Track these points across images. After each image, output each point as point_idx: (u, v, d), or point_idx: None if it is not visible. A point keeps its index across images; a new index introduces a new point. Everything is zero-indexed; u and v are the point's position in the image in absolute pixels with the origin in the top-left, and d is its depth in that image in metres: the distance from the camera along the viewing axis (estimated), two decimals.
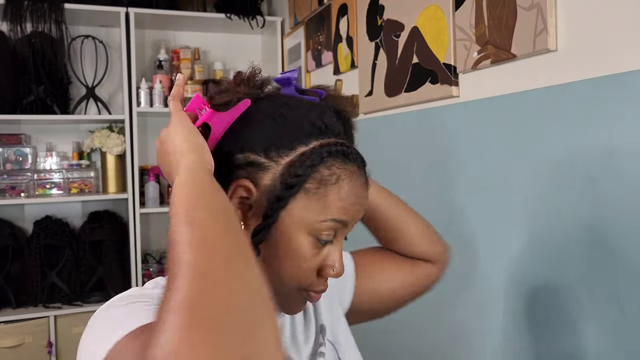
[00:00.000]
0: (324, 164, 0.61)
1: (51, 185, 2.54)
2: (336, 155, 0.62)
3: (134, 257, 2.52)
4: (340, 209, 0.61)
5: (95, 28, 2.70)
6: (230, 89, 0.64)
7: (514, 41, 1.16)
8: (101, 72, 2.64)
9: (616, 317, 0.95)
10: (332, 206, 0.61)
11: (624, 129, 0.93)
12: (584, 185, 1.01)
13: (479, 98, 1.30)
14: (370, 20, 1.79)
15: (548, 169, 1.09)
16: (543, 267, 1.11)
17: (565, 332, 1.06)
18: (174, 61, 2.74)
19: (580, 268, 1.02)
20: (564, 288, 1.06)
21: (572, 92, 1.03)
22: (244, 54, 2.95)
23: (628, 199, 0.93)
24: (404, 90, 1.59)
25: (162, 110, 2.59)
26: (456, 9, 1.35)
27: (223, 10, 2.68)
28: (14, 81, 2.40)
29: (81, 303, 2.44)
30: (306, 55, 2.38)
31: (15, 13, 2.36)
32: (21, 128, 2.64)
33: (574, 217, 1.03)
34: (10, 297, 2.38)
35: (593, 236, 1.00)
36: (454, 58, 1.37)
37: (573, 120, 1.03)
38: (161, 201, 2.69)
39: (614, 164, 0.95)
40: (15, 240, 2.44)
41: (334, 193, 0.61)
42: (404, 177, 1.62)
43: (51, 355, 2.36)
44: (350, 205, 0.62)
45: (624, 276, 0.94)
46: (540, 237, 1.11)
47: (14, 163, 2.55)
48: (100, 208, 2.70)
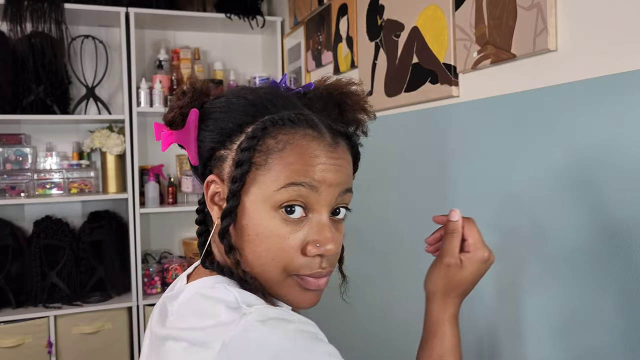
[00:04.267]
0: (269, 134, 0.60)
1: (51, 185, 2.54)
2: (282, 124, 0.60)
3: (134, 257, 2.52)
4: (294, 172, 0.59)
5: (95, 28, 2.70)
6: (173, 106, 0.65)
7: (514, 41, 1.16)
8: (101, 72, 2.64)
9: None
10: (284, 171, 0.59)
11: (624, 129, 0.93)
12: (584, 185, 1.01)
13: (479, 98, 1.30)
14: (370, 20, 1.79)
15: (548, 168, 1.09)
16: (545, 266, 1.11)
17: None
18: (174, 61, 2.74)
19: (583, 266, 1.02)
20: (563, 288, 1.06)
21: (572, 92, 1.04)
22: (244, 54, 2.96)
23: (628, 199, 0.93)
24: (404, 90, 1.59)
25: (162, 110, 2.58)
26: (456, 9, 1.35)
27: (223, 10, 2.68)
28: (14, 81, 2.41)
29: (81, 303, 2.43)
30: (306, 55, 2.38)
31: (15, 13, 2.37)
32: (21, 128, 2.64)
33: (574, 216, 1.03)
34: (10, 297, 2.38)
35: (593, 236, 1.00)
36: (454, 58, 1.37)
37: (573, 120, 1.03)
38: (161, 201, 2.69)
39: (614, 164, 0.95)
40: (15, 240, 2.44)
41: (283, 158, 0.59)
42: (404, 177, 1.62)
43: (51, 355, 2.36)
44: (307, 166, 0.59)
45: (626, 278, 0.94)
46: (541, 237, 1.12)
47: (14, 163, 2.55)
48: (100, 208, 2.71)
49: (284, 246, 0.60)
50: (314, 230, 0.60)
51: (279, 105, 0.62)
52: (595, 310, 0.99)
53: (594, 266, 1.00)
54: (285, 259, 0.60)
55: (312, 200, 0.60)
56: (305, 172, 0.59)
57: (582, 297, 1.02)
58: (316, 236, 0.60)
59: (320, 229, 0.60)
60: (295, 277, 0.62)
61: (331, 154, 0.61)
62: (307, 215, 0.61)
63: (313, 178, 0.59)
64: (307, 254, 0.60)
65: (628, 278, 0.93)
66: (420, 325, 0.80)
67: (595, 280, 0.99)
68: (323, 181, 0.60)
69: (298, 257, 0.60)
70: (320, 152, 0.60)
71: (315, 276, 0.61)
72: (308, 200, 0.60)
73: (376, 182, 1.77)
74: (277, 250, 0.60)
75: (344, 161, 0.62)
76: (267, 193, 0.59)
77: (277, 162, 0.59)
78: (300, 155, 0.59)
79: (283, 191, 0.59)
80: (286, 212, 0.59)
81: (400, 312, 1.64)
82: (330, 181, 0.60)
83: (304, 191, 0.59)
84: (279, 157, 0.59)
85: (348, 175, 0.63)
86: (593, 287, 1.00)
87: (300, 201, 0.60)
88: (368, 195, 1.82)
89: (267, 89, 0.65)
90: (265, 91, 0.64)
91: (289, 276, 0.61)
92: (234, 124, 0.62)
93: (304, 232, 0.60)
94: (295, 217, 0.60)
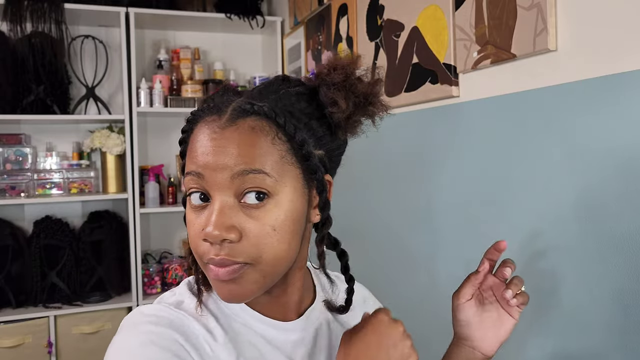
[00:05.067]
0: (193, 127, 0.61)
1: (51, 185, 2.54)
2: (197, 115, 0.61)
3: (134, 257, 2.52)
4: (189, 161, 0.60)
5: (95, 28, 2.70)
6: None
7: (514, 41, 1.16)
8: (101, 72, 2.64)
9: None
10: (187, 162, 0.60)
11: (624, 129, 0.93)
12: (583, 184, 1.01)
13: (479, 98, 1.30)
14: (370, 20, 1.79)
15: (548, 168, 1.09)
16: (547, 266, 1.11)
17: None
18: (174, 61, 2.74)
19: (583, 266, 1.02)
20: (563, 286, 1.06)
21: (572, 92, 1.03)
22: (244, 54, 2.96)
23: (628, 199, 0.93)
24: (404, 90, 1.59)
25: (162, 110, 2.59)
26: (456, 9, 1.35)
27: (223, 10, 2.68)
28: (14, 81, 2.41)
29: (81, 303, 2.44)
30: (306, 55, 2.38)
31: (15, 13, 2.37)
32: (21, 128, 2.64)
33: (574, 216, 1.03)
34: (10, 297, 2.38)
35: (592, 235, 1.00)
36: (454, 58, 1.37)
37: (573, 120, 1.03)
38: (161, 201, 2.69)
39: (614, 164, 0.95)
40: (15, 240, 2.44)
41: (189, 150, 0.60)
42: (404, 177, 1.62)
43: (51, 355, 2.36)
44: (194, 152, 0.59)
45: (626, 278, 0.94)
46: (541, 236, 1.11)
47: (14, 163, 2.55)
48: (100, 208, 2.71)
49: (191, 232, 0.60)
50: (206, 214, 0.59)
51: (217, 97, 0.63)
52: (596, 310, 0.99)
53: (594, 266, 1.00)
54: (193, 245, 0.60)
55: (206, 186, 0.58)
56: (192, 159, 0.59)
57: (583, 296, 1.02)
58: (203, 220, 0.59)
59: (209, 213, 0.58)
60: (207, 267, 0.60)
61: (215, 135, 0.58)
62: (209, 201, 0.59)
63: (197, 164, 0.58)
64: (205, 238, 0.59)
65: (628, 278, 0.93)
66: (418, 326, 0.80)
67: (596, 279, 0.99)
68: (205, 166, 0.58)
69: (200, 243, 0.59)
70: (204, 136, 0.58)
71: (212, 263, 0.58)
72: (203, 187, 0.59)
73: (376, 182, 1.77)
74: (190, 237, 0.61)
75: (235, 141, 0.57)
76: None
77: (187, 152, 0.61)
78: (192, 143, 0.60)
79: (185, 180, 0.60)
80: (192, 199, 0.60)
81: (400, 312, 1.63)
82: (211, 165, 0.57)
83: (195, 179, 0.59)
84: (189, 148, 0.61)
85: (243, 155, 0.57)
86: (593, 287, 1.00)
87: (196, 188, 0.59)
88: (368, 194, 1.82)
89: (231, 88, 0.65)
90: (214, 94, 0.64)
91: (205, 264, 0.60)
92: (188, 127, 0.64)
93: (203, 217, 0.59)
94: (195, 203, 0.60)
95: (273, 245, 0.58)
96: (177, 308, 0.63)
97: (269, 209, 0.58)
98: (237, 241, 0.57)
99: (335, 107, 0.61)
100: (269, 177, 0.57)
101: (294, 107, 0.62)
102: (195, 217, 0.60)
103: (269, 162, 0.58)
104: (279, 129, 0.59)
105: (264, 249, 0.58)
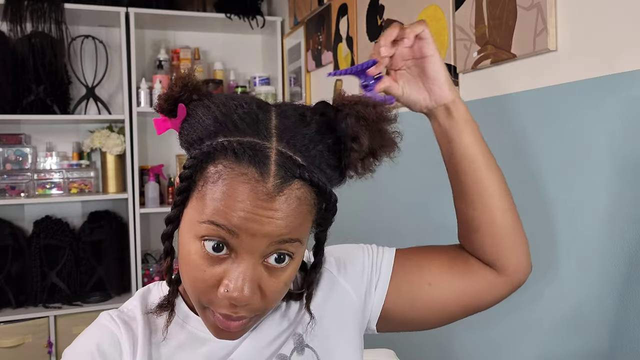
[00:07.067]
0: (213, 161, 0.54)
1: (51, 185, 2.54)
2: (226, 153, 0.54)
3: (134, 257, 2.53)
4: (215, 211, 0.53)
5: (95, 28, 2.70)
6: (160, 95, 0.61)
7: (514, 41, 1.16)
8: (101, 72, 2.64)
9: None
10: (209, 205, 0.54)
11: (624, 129, 0.93)
12: (583, 184, 1.01)
13: (479, 98, 1.30)
14: (370, 20, 1.79)
15: (548, 168, 1.09)
16: (544, 263, 1.11)
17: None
18: (174, 61, 2.74)
19: (583, 265, 1.02)
20: (565, 285, 1.06)
21: (572, 92, 1.03)
22: (244, 53, 2.96)
23: (627, 199, 0.93)
24: None
25: None
26: (456, 9, 1.35)
27: (223, 10, 2.68)
28: (14, 81, 2.41)
29: (81, 303, 2.44)
30: (306, 55, 2.38)
31: (15, 13, 2.37)
32: (21, 128, 2.64)
33: (573, 216, 1.03)
34: (10, 297, 2.39)
35: (591, 235, 1.00)
36: (454, 58, 1.37)
37: (573, 120, 1.03)
38: (161, 201, 2.69)
39: (614, 164, 0.95)
40: (15, 240, 2.44)
41: (211, 192, 0.54)
42: (404, 177, 1.62)
43: (51, 355, 2.37)
44: (228, 209, 0.53)
45: (626, 277, 0.94)
46: (539, 235, 1.11)
47: (14, 163, 2.55)
48: (100, 208, 2.71)
49: (199, 277, 0.56)
50: (231, 271, 0.55)
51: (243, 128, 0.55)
52: (596, 310, 0.99)
53: (593, 265, 1.00)
54: (199, 290, 0.56)
55: (234, 243, 0.54)
56: (225, 214, 0.53)
57: (584, 295, 1.02)
58: (228, 279, 0.55)
59: (236, 272, 0.54)
60: (208, 312, 0.58)
61: (263, 204, 0.53)
62: (230, 254, 0.55)
63: (231, 223, 0.53)
64: (217, 292, 0.55)
65: (628, 277, 0.93)
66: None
67: (596, 279, 0.99)
68: (245, 230, 0.53)
69: (212, 291, 0.56)
70: (248, 198, 0.53)
71: (226, 318, 0.56)
72: (229, 242, 0.54)
73: (376, 182, 1.77)
74: (194, 278, 0.56)
75: (284, 212, 0.54)
76: (194, 219, 0.56)
77: (208, 192, 0.54)
78: (226, 195, 0.53)
79: (204, 226, 0.54)
80: (206, 246, 0.55)
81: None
82: (254, 231, 0.53)
83: (223, 233, 0.54)
84: (210, 188, 0.54)
85: (288, 227, 0.54)
86: (593, 287, 1.00)
87: (220, 240, 0.54)
88: (368, 194, 1.82)
89: (247, 106, 0.57)
90: (241, 109, 0.57)
91: (204, 308, 0.58)
92: (196, 135, 0.57)
93: (223, 269, 0.55)
94: (212, 253, 0.55)
95: (281, 297, 0.60)
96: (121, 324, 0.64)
97: (288, 269, 0.58)
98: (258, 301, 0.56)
99: (357, 143, 0.58)
100: (302, 244, 0.57)
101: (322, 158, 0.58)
102: (206, 265, 0.55)
103: (305, 230, 0.57)
104: (317, 197, 0.57)
105: (274, 302, 0.59)
